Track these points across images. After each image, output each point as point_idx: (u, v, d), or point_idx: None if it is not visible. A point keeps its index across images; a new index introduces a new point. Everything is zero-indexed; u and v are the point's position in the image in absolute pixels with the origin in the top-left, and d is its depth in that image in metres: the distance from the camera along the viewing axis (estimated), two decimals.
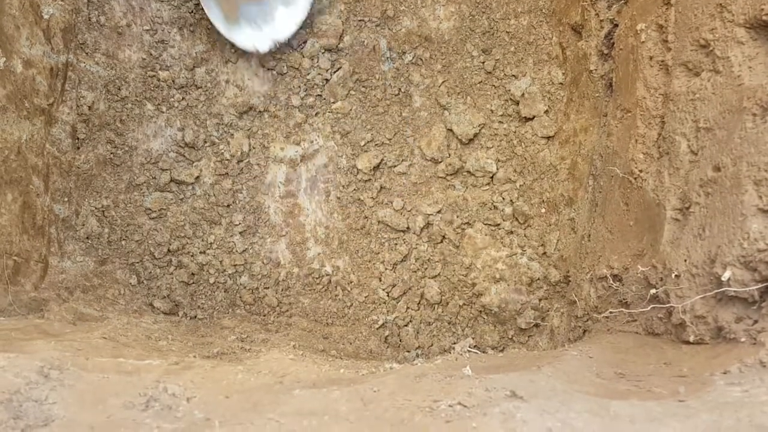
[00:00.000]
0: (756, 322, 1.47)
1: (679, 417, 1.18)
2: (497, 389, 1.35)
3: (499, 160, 2.80)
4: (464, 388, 1.37)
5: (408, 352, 2.74)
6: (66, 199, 2.77)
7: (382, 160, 2.87)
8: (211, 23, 2.82)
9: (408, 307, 2.81)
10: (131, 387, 1.43)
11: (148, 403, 1.36)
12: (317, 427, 1.26)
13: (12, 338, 1.84)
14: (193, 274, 2.84)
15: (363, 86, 2.92)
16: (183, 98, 2.90)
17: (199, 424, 1.27)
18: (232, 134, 2.91)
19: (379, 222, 2.86)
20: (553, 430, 1.12)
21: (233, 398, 1.43)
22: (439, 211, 2.80)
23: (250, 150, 2.91)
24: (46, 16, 2.65)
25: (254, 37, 2.81)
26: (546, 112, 2.76)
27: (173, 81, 2.89)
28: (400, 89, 2.90)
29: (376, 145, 2.89)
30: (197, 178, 2.89)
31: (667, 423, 1.14)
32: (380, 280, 2.83)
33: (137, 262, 2.82)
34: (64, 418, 1.28)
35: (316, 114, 2.92)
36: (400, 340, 2.77)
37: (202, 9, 2.87)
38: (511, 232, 2.77)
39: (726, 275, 1.51)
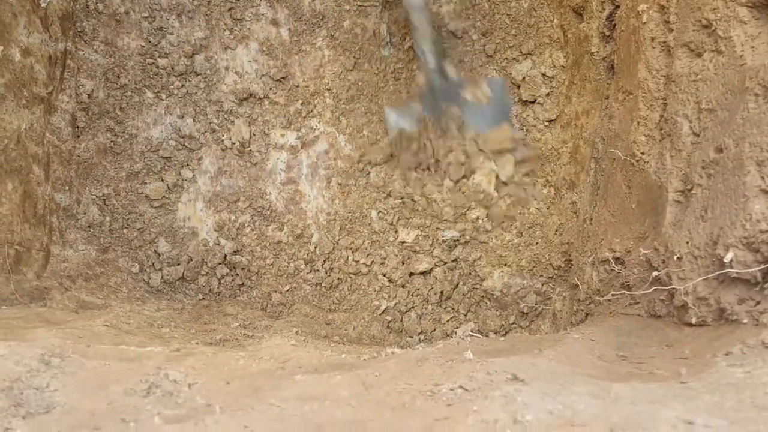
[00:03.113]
0: (758, 303, 1.47)
1: (681, 399, 1.17)
2: (498, 372, 1.34)
3: None
4: (465, 371, 1.37)
5: (411, 337, 2.74)
6: (67, 188, 2.76)
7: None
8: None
9: (410, 293, 2.81)
10: (132, 374, 1.43)
11: (150, 389, 1.36)
12: (318, 411, 1.26)
13: (13, 326, 1.84)
14: (194, 260, 2.84)
15: (363, 72, 2.91)
16: (182, 85, 2.89)
17: (200, 410, 1.27)
18: (233, 121, 2.90)
19: (381, 208, 2.86)
20: (554, 413, 1.12)
21: (234, 384, 1.44)
22: (443, 199, 2.79)
23: (250, 137, 2.90)
24: (43, 4, 2.63)
25: None
26: (547, 95, 2.74)
27: (172, 68, 2.87)
28: (400, 75, 2.88)
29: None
30: (198, 165, 2.88)
31: (669, 405, 1.14)
32: (383, 265, 2.83)
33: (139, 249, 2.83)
34: (66, 405, 1.28)
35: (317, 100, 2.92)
36: (403, 326, 2.77)
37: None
38: None
39: (728, 257, 1.50)
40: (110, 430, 1.19)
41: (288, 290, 2.84)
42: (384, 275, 2.82)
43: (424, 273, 2.81)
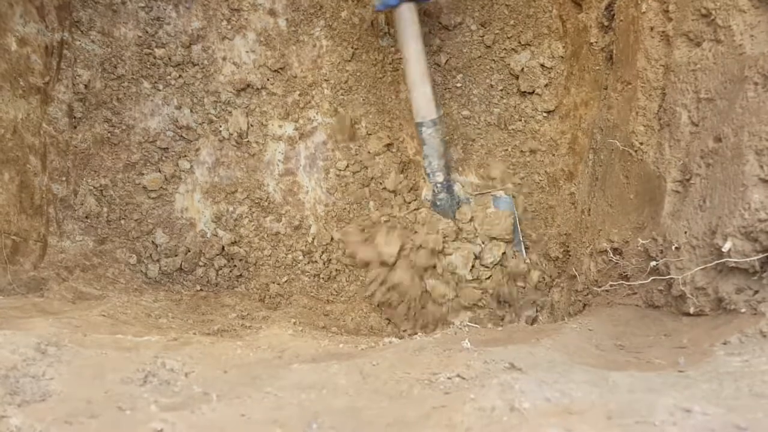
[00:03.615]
0: (756, 292, 1.46)
1: (679, 387, 1.17)
2: (496, 361, 1.34)
3: None
4: (463, 360, 1.37)
5: None
6: (64, 179, 2.75)
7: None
8: None
9: None
10: (129, 363, 1.43)
11: (146, 378, 1.36)
12: (316, 400, 1.26)
13: (10, 316, 1.84)
14: (192, 251, 2.83)
15: (361, 62, 2.89)
16: (180, 76, 2.88)
17: (196, 398, 1.27)
18: (230, 112, 2.89)
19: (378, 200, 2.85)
20: (552, 400, 1.12)
21: (232, 373, 1.43)
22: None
23: (248, 128, 2.89)
24: None
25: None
26: (546, 86, 2.73)
27: (169, 58, 2.86)
28: (398, 66, 2.87)
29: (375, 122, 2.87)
30: (195, 156, 2.87)
31: (666, 393, 1.13)
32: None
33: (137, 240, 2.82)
34: (62, 393, 1.28)
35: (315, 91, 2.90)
36: None
37: None
38: None
39: (726, 246, 1.50)
40: (106, 418, 1.18)
41: (286, 281, 2.83)
42: None
43: None
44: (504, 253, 2.67)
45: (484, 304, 2.66)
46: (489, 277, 2.66)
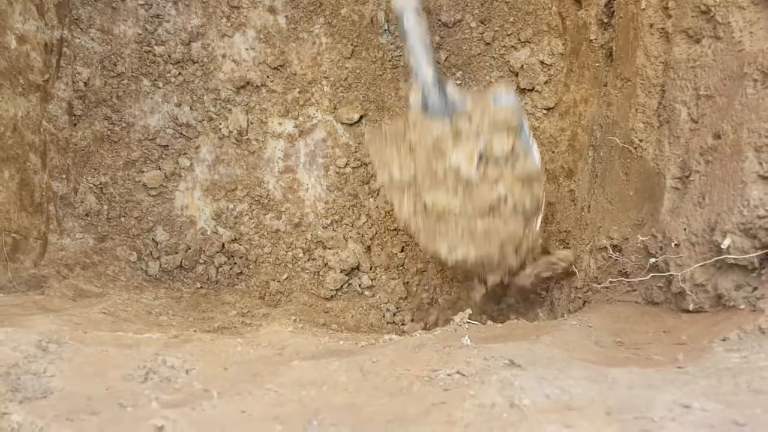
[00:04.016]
0: (755, 289, 1.47)
1: (677, 383, 1.18)
2: (496, 358, 1.35)
3: None
4: (463, 357, 1.37)
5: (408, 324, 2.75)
6: (64, 176, 2.76)
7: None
8: None
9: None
10: (130, 360, 1.43)
11: (147, 375, 1.37)
12: (316, 397, 1.27)
13: (11, 313, 1.84)
14: (192, 248, 2.83)
15: (361, 60, 2.90)
16: (179, 73, 2.88)
17: (197, 395, 1.27)
18: (230, 109, 2.89)
19: (377, 197, 2.86)
20: (551, 397, 1.12)
21: (232, 370, 1.44)
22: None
23: (248, 125, 2.89)
24: None
25: None
26: (546, 83, 2.73)
27: (169, 56, 2.86)
28: (398, 63, 2.87)
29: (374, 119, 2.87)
30: (195, 154, 2.88)
31: (665, 389, 1.14)
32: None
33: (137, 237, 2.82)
34: (63, 390, 1.28)
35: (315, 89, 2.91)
36: None
37: None
38: None
39: (726, 243, 1.50)
40: (107, 414, 1.19)
41: (286, 278, 2.84)
42: None
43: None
44: (513, 149, 2.21)
45: (504, 210, 2.21)
46: (501, 177, 2.21)
